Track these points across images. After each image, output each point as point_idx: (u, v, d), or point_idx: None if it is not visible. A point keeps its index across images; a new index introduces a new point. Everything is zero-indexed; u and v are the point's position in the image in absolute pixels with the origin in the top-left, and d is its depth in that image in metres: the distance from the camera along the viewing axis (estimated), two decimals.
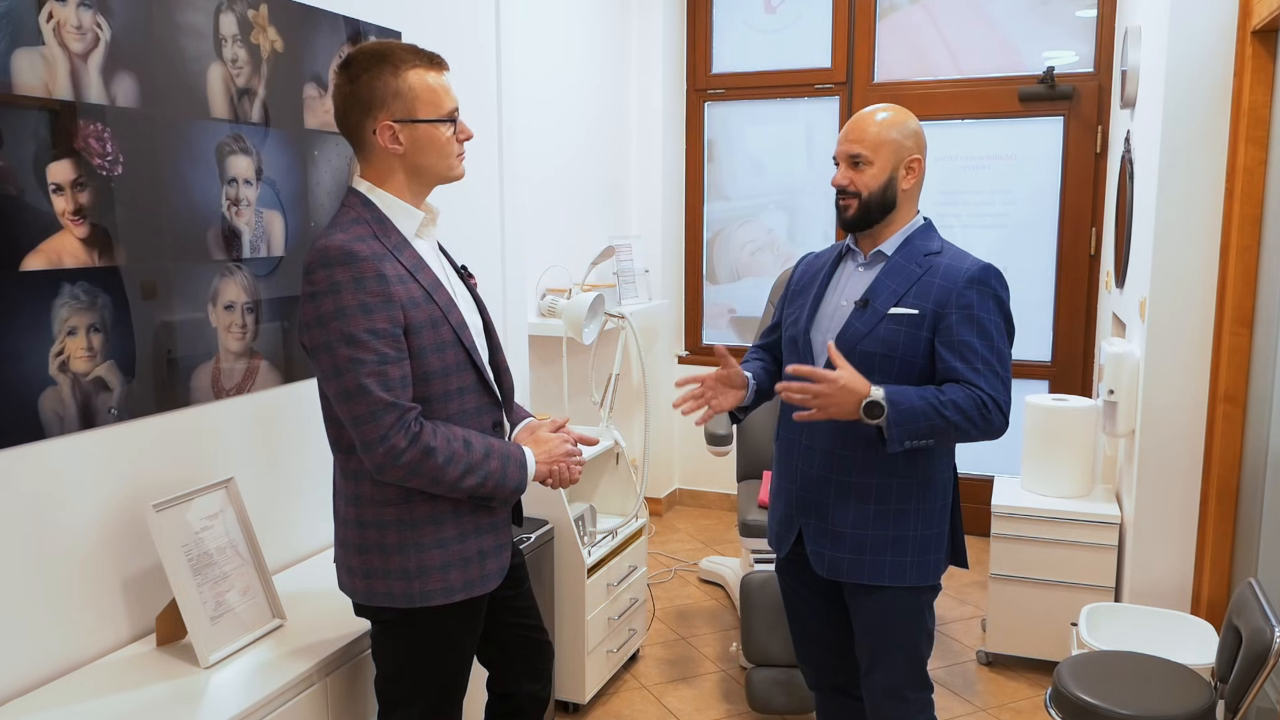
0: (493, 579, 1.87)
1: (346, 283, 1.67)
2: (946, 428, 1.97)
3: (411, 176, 1.81)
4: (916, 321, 2.04)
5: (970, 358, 2.01)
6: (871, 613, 2.16)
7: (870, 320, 2.07)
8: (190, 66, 2.09)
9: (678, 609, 3.98)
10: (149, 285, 2.01)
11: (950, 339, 2.03)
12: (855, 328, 2.08)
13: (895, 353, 2.05)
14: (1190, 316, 2.97)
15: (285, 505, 2.42)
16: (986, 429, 2.00)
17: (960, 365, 2.01)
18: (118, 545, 1.98)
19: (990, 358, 2.01)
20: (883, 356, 2.06)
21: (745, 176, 5.15)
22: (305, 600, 2.20)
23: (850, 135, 2.11)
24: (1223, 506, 2.93)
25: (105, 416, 1.93)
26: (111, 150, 1.92)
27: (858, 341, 2.06)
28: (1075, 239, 4.54)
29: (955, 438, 2.01)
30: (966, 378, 2.00)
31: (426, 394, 1.76)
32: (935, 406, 1.96)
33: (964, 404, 1.98)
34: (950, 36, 4.66)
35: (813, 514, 2.16)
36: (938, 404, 1.97)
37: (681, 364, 5.27)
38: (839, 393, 1.94)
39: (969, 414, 1.97)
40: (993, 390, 2.00)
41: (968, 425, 1.98)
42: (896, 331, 2.05)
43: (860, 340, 2.06)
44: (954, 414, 1.97)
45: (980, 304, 2.04)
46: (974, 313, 2.03)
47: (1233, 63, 2.84)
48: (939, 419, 1.96)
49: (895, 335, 2.05)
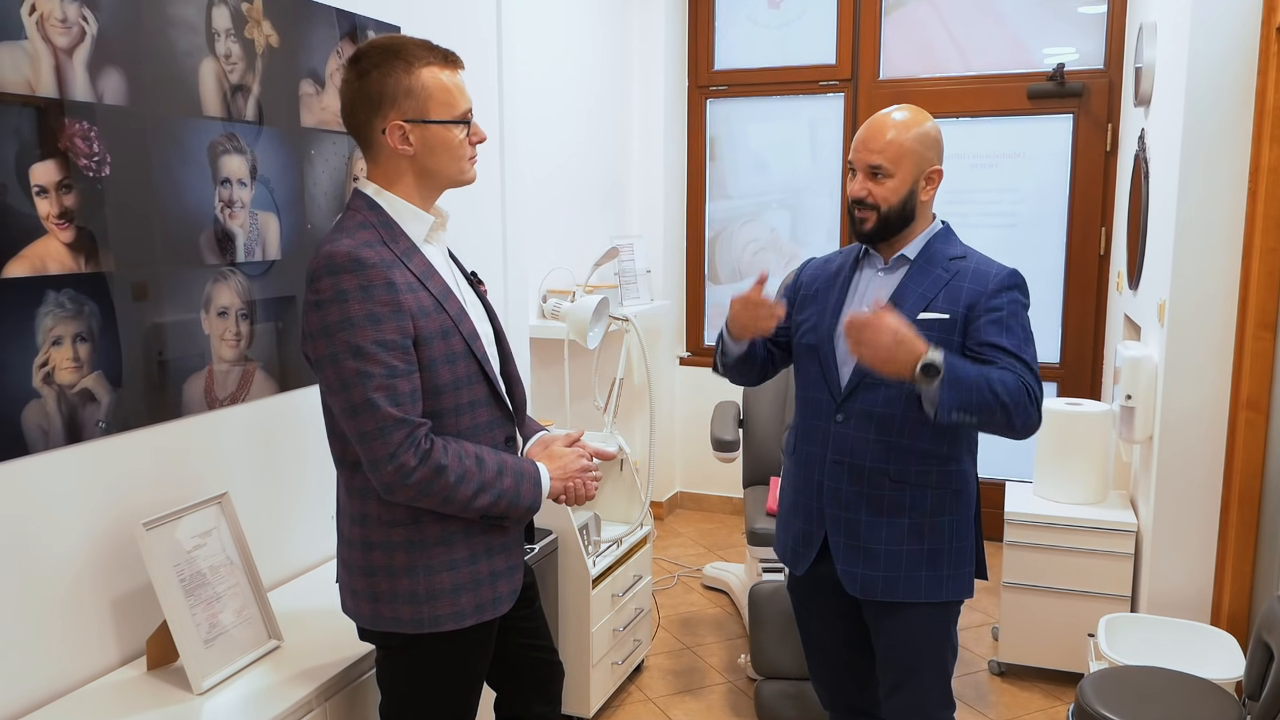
0: (505, 602, 1.78)
1: (353, 291, 1.57)
2: (995, 406, 1.88)
3: (421, 179, 1.71)
4: (948, 326, 1.97)
5: (997, 355, 1.95)
6: (900, 631, 2.08)
7: None
8: (181, 62, 1.99)
9: (682, 617, 3.89)
10: (138, 291, 1.91)
11: (981, 339, 1.96)
12: None
13: None
14: (1211, 320, 2.89)
15: (281, 518, 2.32)
16: (1026, 419, 1.92)
17: (999, 358, 1.95)
18: (106, 565, 1.89)
19: (1024, 356, 1.96)
20: None
21: (748, 175, 5.06)
22: (303, 619, 2.11)
23: (870, 144, 2.01)
24: (1244, 515, 2.85)
25: (93, 430, 1.84)
26: (98, 150, 1.82)
27: None
28: (1084, 239, 4.47)
29: (999, 421, 1.91)
30: (1006, 367, 1.94)
31: (437, 408, 1.66)
32: (989, 381, 1.89)
33: (1012, 386, 1.91)
34: (957, 32, 4.58)
35: (842, 532, 2.07)
36: (992, 379, 1.89)
37: (683, 365, 5.19)
38: (902, 345, 1.82)
39: (1016, 397, 1.90)
40: (1032, 385, 1.94)
41: (1014, 408, 1.90)
42: (927, 336, 1.97)
43: None
44: (1004, 393, 1.89)
45: (1010, 309, 1.98)
46: (1003, 316, 1.97)
47: (1255, 60, 2.76)
48: (990, 394, 1.88)
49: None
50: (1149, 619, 2.89)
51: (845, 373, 2.06)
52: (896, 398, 2.00)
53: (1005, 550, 3.31)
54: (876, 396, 2.02)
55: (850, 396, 2.04)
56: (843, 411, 2.05)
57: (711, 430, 3.61)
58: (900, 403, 2.00)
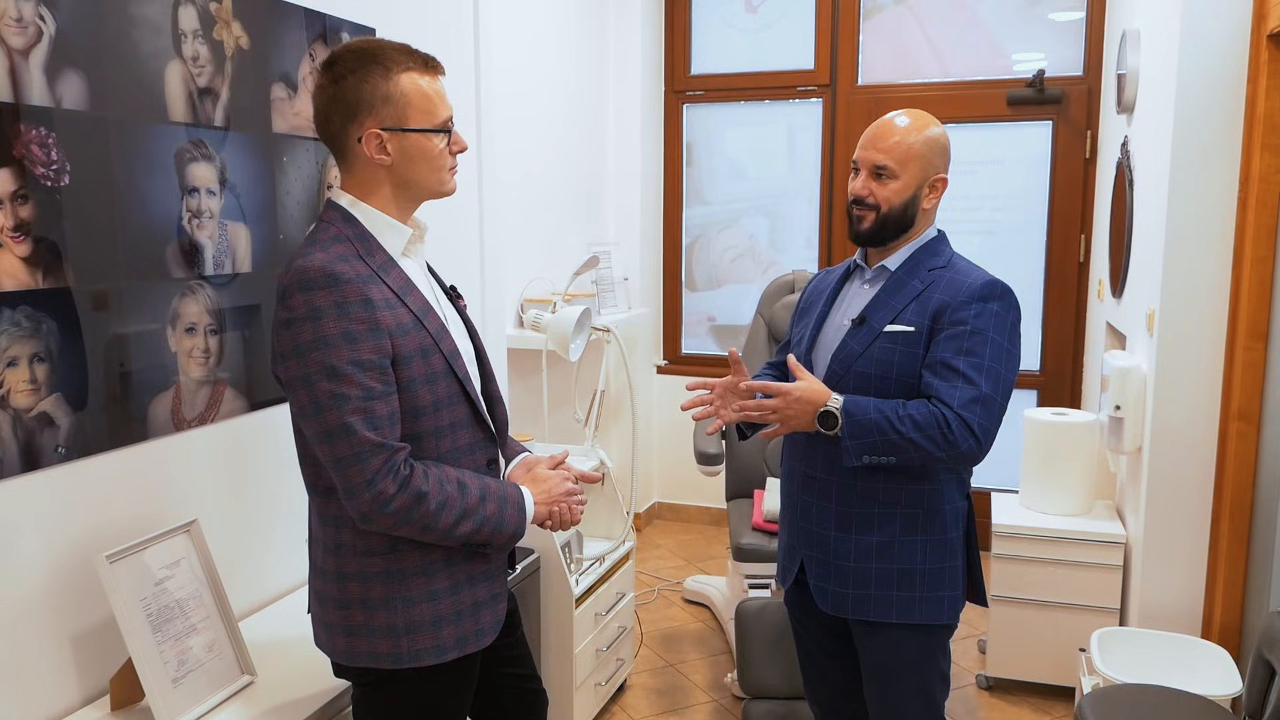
0: (488, 633, 1.69)
1: (328, 308, 1.48)
2: (904, 445, 1.83)
3: (399, 190, 1.62)
4: (913, 339, 1.90)
5: (948, 375, 1.85)
6: (878, 653, 2.01)
7: (865, 339, 1.93)
8: (146, 65, 1.89)
9: (664, 633, 3.81)
10: (100, 307, 1.81)
11: (935, 357, 1.88)
12: (850, 347, 1.94)
13: (891, 373, 1.91)
14: (1202, 330, 2.86)
15: (253, 543, 2.22)
16: (949, 450, 1.83)
17: (936, 382, 1.86)
18: (67, 599, 1.78)
19: (975, 376, 1.84)
20: (878, 377, 1.92)
21: (725, 180, 5.00)
22: (277, 651, 2.01)
23: (878, 142, 1.96)
24: (1236, 527, 2.82)
25: (52, 456, 1.73)
26: (57, 158, 1.72)
27: (853, 361, 1.93)
28: (1064, 246, 4.44)
29: (916, 458, 1.85)
30: (938, 395, 1.85)
31: (416, 431, 1.58)
32: (891, 420, 1.83)
33: (922, 421, 1.82)
34: (936, 38, 4.54)
35: (814, 546, 2.02)
36: (895, 418, 1.83)
37: (660, 374, 5.11)
38: (793, 405, 1.86)
39: (927, 432, 1.82)
40: (963, 409, 1.82)
41: (927, 444, 1.82)
42: (892, 350, 1.91)
43: (855, 360, 1.93)
44: (911, 430, 1.82)
45: (976, 320, 1.87)
46: (966, 329, 1.87)
47: (1245, 68, 2.73)
48: (894, 434, 1.83)
49: (890, 354, 1.91)
50: (1141, 633, 2.85)
51: None
52: None
53: (993, 562, 3.26)
54: None
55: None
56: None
57: (695, 444, 3.54)
58: None
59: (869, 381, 1.92)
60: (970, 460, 1.87)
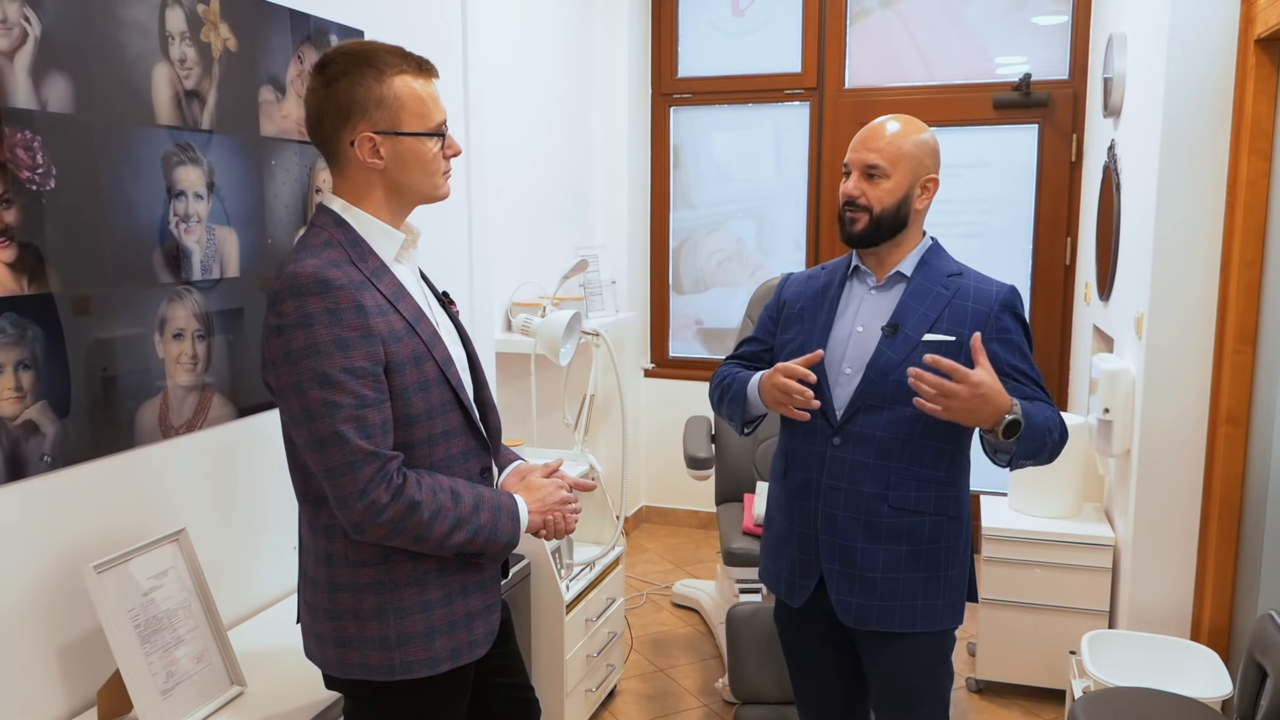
0: (481, 644, 1.67)
1: (320, 315, 1.46)
2: (1047, 447, 1.88)
3: (391, 194, 1.60)
4: (954, 349, 1.90)
5: (1024, 382, 1.91)
6: (897, 661, 2.01)
7: (904, 348, 1.92)
8: (133, 67, 1.86)
9: (653, 637, 3.80)
10: (86, 314, 1.78)
11: (1000, 367, 1.89)
12: (888, 356, 1.92)
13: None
14: (1191, 333, 2.87)
15: (242, 551, 2.19)
16: (1055, 454, 1.92)
17: (1023, 384, 1.91)
18: (53, 610, 1.75)
19: (1040, 381, 1.94)
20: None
21: (712, 183, 4.99)
22: (267, 661, 1.98)
23: (869, 143, 1.96)
24: (1224, 530, 2.83)
25: (37, 465, 1.70)
26: (42, 162, 1.69)
27: (891, 370, 1.91)
28: (1050, 249, 4.46)
29: (1042, 461, 1.91)
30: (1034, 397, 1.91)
31: (409, 439, 1.56)
32: (1047, 426, 1.86)
33: (1054, 420, 1.88)
34: (923, 42, 4.55)
35: (837, 559, 1.98)
36: (1048, 424, 1.86)
37: (648, 377, 5.10)
38: (977, 400, 1.74)
39: (1059, 432, 1.89)
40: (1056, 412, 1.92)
41: (1057, 445, 1.90)
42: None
43: (894, 369, 1.91)
44: (1055, 432, 1.88)
45: (1015, 328, 1.95)
46: (1012, 338, 1.94)
47: (1233, 72, 2.74)
48: (1048, 438, 1.87)
49: None
50: (1131, 635, 2.85)
51: (840, 394, 1.98)
52: (900, 420, 1.92)
53: (982, 565, 3.26)
54: (879, 419, 1.94)
55: (850, 419, 1.96)
56: (840, 435, 1.97)
57: (685, 448, 3.53)
58: (905, 425, 1.92)
59: (907, 391, 1.85)
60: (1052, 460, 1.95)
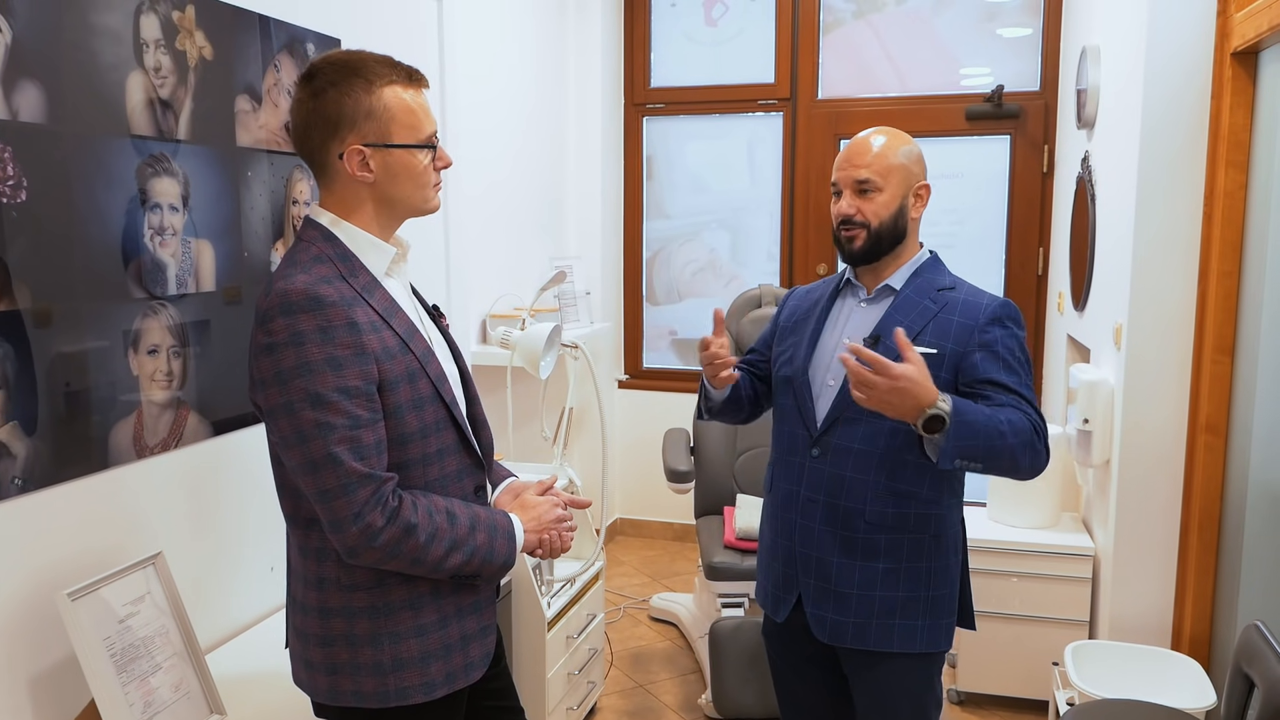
0: (476, 668, 1.63)
1: (312, 333, 1.41)
2: (1003, 450, 1.77)
3: (381, 208, 1.56)
4: (935, 361, 1.87)
5: (1003, 394, 1.85)
6: (876, 683, 1.97)
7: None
8: (106, 76, 1.80)
9: (632, 652, 3.76)
10: (58, 330, 1.71)
11: (978, 376, 1.86)
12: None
13: None
14: (1169, 343, 2.89)
15: (220, 573, 2.13)
16: (1034, 460, 1.82)
17: (996, 397, 1.85)
18: (25, 638, 1.68)
19: (1025, 393, 1.86)
20: None
21: (686, 194, 4.97)
22: (247, 687, 1.92)
23: (855, 160, 1.94)
24: (1204, 539, 2.84)
25: (8, 488, 1.63)
26: (12, 174, 1.63)
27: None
28: (1023, 259, 4.49)
29: (1005, 466, 1.80)
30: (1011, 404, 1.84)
31: (403, 459, 1.51)
32: (998, 425, 1.76)
33: (1020, 425, 1.79)
34: (895, 54, 4.57)
35: (813, 573, 1.96)
36: (1000, 422, 1.77)
37: (622, 389, 5.06)
38: (898, 393, 1.70)
39: (1024, 437, 1.79)
40: (1038, 420, 1.83)
41: (1023, 450, 1.79)
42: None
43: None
44: (1012, 435, 1.77)
45: (1004, 342, 1.89)
46: (998, 350, 1.88)
47: (1210, 85, 2.77)
48: (999, 439, 1.76)
49: None
50: (1113, 646, 2.86)
51: (821, 406, 1.97)
52: (878, 433, 1.90)
53: None
54: (856, 432, 1.92)
55: (827, 431, 1.94)
56: (819, 446, 1.95)
57: (664, 460, 3.49)
58: (883, 438, 1.90)
59: None
60: (1038, 472, 1.85)
